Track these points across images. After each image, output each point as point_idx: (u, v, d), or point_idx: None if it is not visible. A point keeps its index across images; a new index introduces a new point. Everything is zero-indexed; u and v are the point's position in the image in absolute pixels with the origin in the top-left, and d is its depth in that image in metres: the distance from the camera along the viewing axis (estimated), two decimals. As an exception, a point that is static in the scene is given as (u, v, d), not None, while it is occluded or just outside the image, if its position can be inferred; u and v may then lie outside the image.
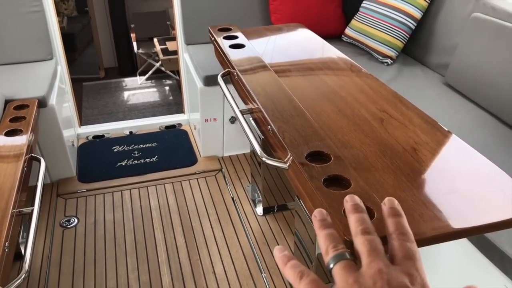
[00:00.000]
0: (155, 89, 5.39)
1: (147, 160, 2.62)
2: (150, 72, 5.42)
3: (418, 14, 2.55)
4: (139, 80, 5.52)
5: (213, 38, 2.18)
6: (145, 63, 5.54)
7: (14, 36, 2.51)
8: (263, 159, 1.46)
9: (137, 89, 5.40)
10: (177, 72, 5.49)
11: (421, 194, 1.16)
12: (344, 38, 2.82)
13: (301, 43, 2.14)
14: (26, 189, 1.74)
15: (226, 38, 2.12)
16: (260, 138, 1.69)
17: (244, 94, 1.80)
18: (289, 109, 1.56)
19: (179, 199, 2.32)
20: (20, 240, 1.95)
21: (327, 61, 1.95)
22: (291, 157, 1.34)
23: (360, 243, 0.45)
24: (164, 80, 5.57)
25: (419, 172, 1.25)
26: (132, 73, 5.71)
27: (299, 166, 1.26)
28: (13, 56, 2.51)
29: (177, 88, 5.32)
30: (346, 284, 0.41)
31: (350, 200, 0.53)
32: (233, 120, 2.58)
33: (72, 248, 2.02)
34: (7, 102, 2.11)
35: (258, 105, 1.62)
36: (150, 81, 5.53)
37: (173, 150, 2.72)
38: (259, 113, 1.63)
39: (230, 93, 1.91)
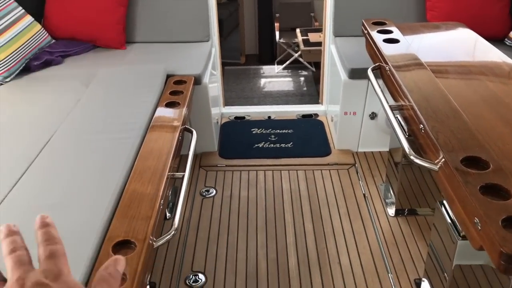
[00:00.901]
0: (290, 79, 5.49)
1: (283, 145, 2.71)
2: (288, 62, 5.53)
3: None
4: (277, 68, 5.66)
5: (366, 31, 2.16)
6: (284, 52, 5.67)
7: (179, 17, 2.74)
8: (411, 157, 1.43)
9: (274, 77, 5.55)
10: (314, 64, 5.54)
11: None
12: (508, 42, 2.60)
13: (461, 43, 2.03)
14: (178, 156, 1.92)
15: (380, 32, 2.09)
16: (407, 136, 1.64)
17: (395, 90, 1.76)
18: (445, 109, 1.49)
19: (310, 187, 2.37)
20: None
21: (491, 65, 1.82)
22: (443, 159, 1.29)
23: (6, 263, 0.46)
24: (300, 71, 5.64)
25: None
26: (271, 62, 5.87)
27: (453, 170, 1.21)
28: (176, 36, 2.75)
29: (312, 80, 5.36)
30: None
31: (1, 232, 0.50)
32: (373, 116, 2.55)
33: (209, 216, 2.18)
34: (168, 76, 2.32)
35: (410, 102, 1.58)
36: (286, 71, 5.65)
37: (308, 139, 2.78)
38: (410, 111, 1.59)
39: (380, 87, 1.88)
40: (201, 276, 1.88)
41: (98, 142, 1.77)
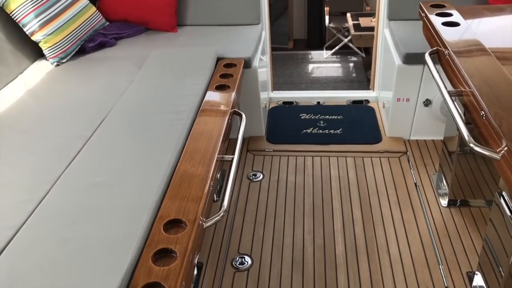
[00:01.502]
0: (339, 65, 5.39)
1: (332, 131, 2.67)
2: (337, 47, 5.43)
3: None
4: (325, 54, 5.57)
5: (423, 14, 2.07)
6: (333, 37, 5.56)
7: (230, 0, 2.73)
8: (471, 145, 1.37)
9: (322, 63, 5.47)
10: (365, 50, 5.40)
11: None
12: None
13: (527, 27, 1.91)
14: (227, 139, 1.92)
15: (438, 14, 2.00)
16: (466, 126, 1.57)
17: (454, 75, 1.68)
18: (509, 96, 1.41)
19: (359, 174, 2.32)
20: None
21: (561, 50, 1.71)
22: (507, 148, 1.22)
23: None
24: (349, 57, 5.53)
25: None
26: (319, 47, 5.78)
27: (518, 159, 1.15)
28: (226, 18, 2.74)
29: (361, 66, 5.24)
30: None
31: None
32: (428, 103, 2.45)
33: (256, 200, 2.18)
34: (218, 59, 2.33)
35: (470, 88, 1.51)
36: (335, 56, 5.55)
37: (358, 125, 2.72)
38: (470, 97, 1.51)
39: (438, 72, 1.81)
40: (247, 258, 1.89)
41: (150, 123, 1.80)
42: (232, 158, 1.76)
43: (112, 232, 1.32)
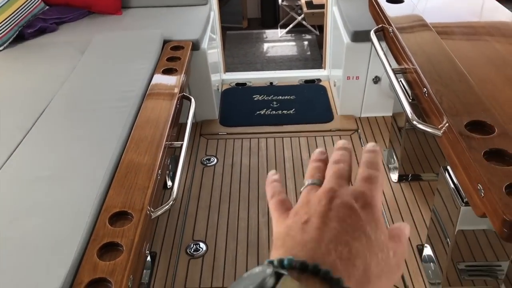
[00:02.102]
0: (294, 43, 5.37)
1: (285, 112, 2.66)
2: (291, 25, 5.40)
3: None
4: (280, 32, 5.53)
5: (369, -8, 2.08)
6: (287, 15, 5.53)
7: (175, -21, 2.65)
8: (414, 122, 1.39)
9: (277, 42, 5.43)
10: (318, 27, 5.40)
11: None
12: (517, 0, 2.50)
13: (468, 3, 1.94)
14: (176, 124, 1.88)
15: (383, -8, 2.01)
16: (410, 101, 1.59)
17: (398, 52, 1.70)
18: (450, 73, 1.44)
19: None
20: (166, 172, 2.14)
21: (500, 26, 1.75)
22: (447, 124, 1.24)
23: (329, 169, 0.45)
24: (303, 35, 5.51)
25: None
26: (274, 25, 5.73)
27: (456, 135, 1.17)
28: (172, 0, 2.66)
29: (315, 44, 5.24)
30: (300, 206, 0.42)
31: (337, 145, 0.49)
32: (377, 80, 2.48)
33: (210, 185, 2.16)
34: (165, 42, 2.26)
35: (413, 65, 1.53)
36: (290, 35, 5.52)
37: (311, 105, 2.72)
38: (414, 74, 1.53)
39: (383, 50, 1.82)
40: (202, 245, 1.87)
41: (94, 111, 1.73)
42: (182, 144, 1.73)
43: (55, 228, 1.27)
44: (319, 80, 2.98)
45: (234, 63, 4.86)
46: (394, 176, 2.17)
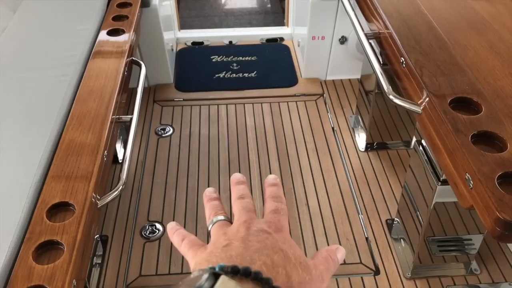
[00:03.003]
0: (254, -5, 5.12)
1: (246, 75, 2.47)
2: (251, -23, 5.11)
3: None
4: (239, -16, 5.24)
5: None
6: (246, -34, 5.22)
7: None
8: (391, 97, 1.25)
9: (236, -7, 5.16)
10: (279, -21, 5.14)
11: None
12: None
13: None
14: (126, 91, 1.68)
15: None
16: (382, 65, 1.44)
17: (370, 13, 1.54)
18: (429, 39, 1.30)
19: (276, 121, 2.18)
20: (118, 145, 1.95)
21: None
22: (428, 100, 1.12)
23: (235, 206, 0.49)
24: (264, -14, 5.25)
25: None
26: (232, -24, 5.42)
27: (440, 114, 1.05)
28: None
29: (276, -5, 5.01)
30: (216, 237, 0.46)
31: (233, 178, 0.55)
32: (343, 40, 2.33)
33: (166, 158, 1.99)
34: (110, -1, 2.01)
35: (388, 29, 1.38)
36: (249, -14, 5.25)
37: (273, 67, 2.54)
38: (389, 39, 1.38)
39: (354, 11, 1.66)
40: (158, 226, 1.72)
41: (27, 82, 1.51)
42: (131, 119, 1.54)
43: (-19, 227, 1.09)
44: (282, 39, 2.79)
45: (190, 16, 4.62)
46: (361, 145, 2.06)
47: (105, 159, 1.31)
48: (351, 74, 2.44)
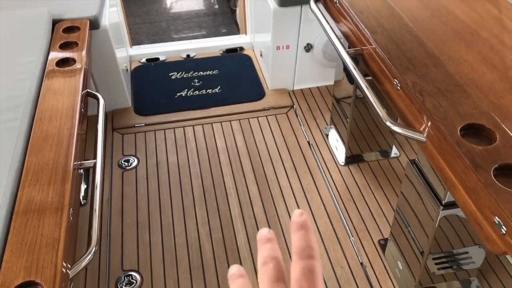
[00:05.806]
0: (198, -4, 4.97)
1: (209, 90, 2.32)
2: (195, -22, 4.93)
3: None
4: (183, -14, 5.05)
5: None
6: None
7: None
8: (388, 124, 1.15)
9: (180, -5, 4.98)
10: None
11: None
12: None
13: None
14: (84, 128, 1.50)
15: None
16: (368, 83, 1.34)
17: (351, 29, 1.43)
18: (421, 56, 1.20)
19: (248, 140, 2.05)
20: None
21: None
22: (433, 126, 1.02)
23: (259, 275, 0.42)
24: (206, -15, 5.10)
25: None
26: (174, -22, 5.23)
27: (453, 146, 0.95)
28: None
29: (221, -5, 4.88)
30: None
31: (259, 236, 0.43)
32: (309, 47, 2.22)
33: (134, 194, 1.81)
34: (54, 22, 1.80)
35: (374, 45, 1.27)
36: (192, -13, 5.08)
37: (237, 79, 2.40)
38: (375, 56, 1.28)
39: (327, 22, 1.55)
40: (135, 275, 1.54)
41: (-32, 132, 1.30)
42: (95, 164, 1.36)
43: None
44: (242, 48, 2.65)
45: (137, 23, 4.44)
46: (341, 158, 1.96)
47: (71, 218, 1.14)
48: (319, 81, 2.34)
